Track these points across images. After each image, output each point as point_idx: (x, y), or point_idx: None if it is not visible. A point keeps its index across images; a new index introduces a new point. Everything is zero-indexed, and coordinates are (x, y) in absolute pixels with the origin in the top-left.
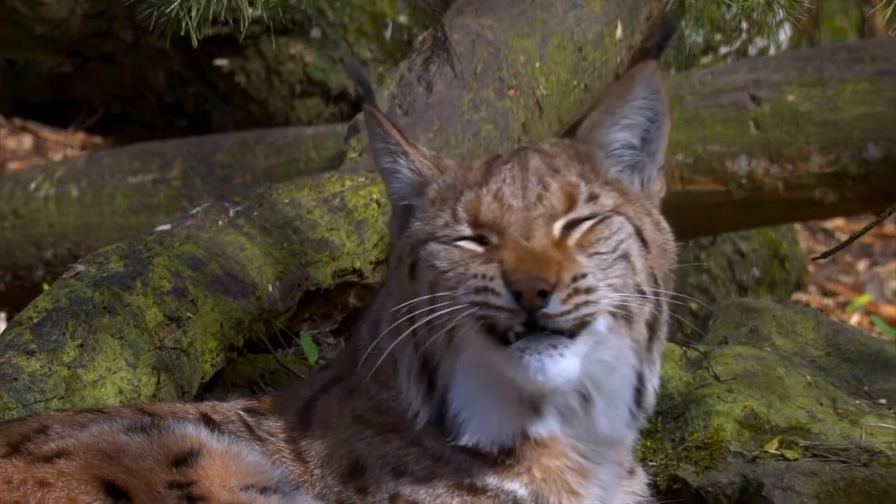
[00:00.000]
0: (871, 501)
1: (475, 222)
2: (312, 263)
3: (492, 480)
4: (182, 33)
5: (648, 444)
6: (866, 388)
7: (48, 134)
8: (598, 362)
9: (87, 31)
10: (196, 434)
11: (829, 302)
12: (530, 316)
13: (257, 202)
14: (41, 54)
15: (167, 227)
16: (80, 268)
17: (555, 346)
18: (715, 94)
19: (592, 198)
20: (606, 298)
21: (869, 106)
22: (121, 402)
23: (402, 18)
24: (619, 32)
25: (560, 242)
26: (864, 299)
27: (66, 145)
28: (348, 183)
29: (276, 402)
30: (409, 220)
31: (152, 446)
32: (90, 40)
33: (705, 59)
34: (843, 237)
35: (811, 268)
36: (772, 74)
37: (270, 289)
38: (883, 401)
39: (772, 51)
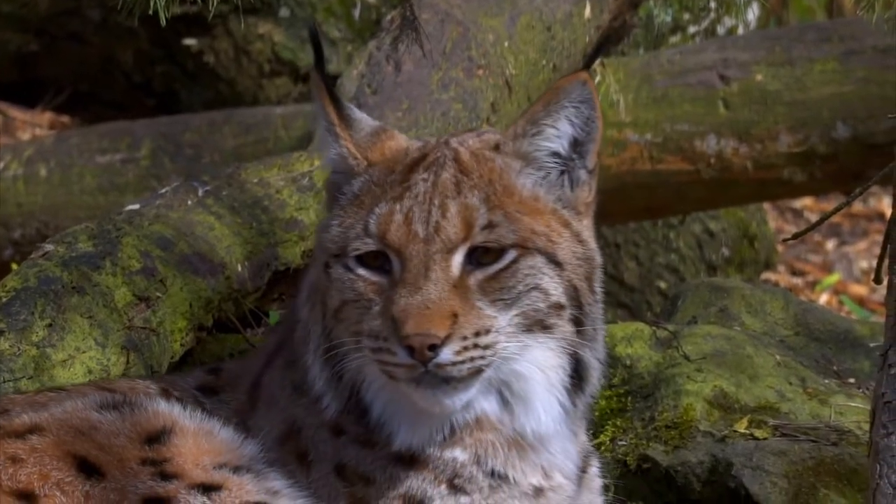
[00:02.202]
0: (840, 480)
1: (382, 239)
2: (282, 243)
3: (431, 451)
4: (150, 12)
5: (618, 423)
6: (835, 368)
7: (16, 113)
8: (511, 373)
9: (54, 9)
10: (169, 411)
11: (798, 281)
12: (424, 366)
13: (226, 182)
14: (9, 33)
15: (136, 206)
16: (49, 247)
17: (447, 382)
18: (683, 74)
19: (490, 226)
20: (509, 344)
21: (837, 86)
22: (90, 381)
23: None
24: (587, 12)
25: (460, 282)
26: (833, 279)
27: (34, 125)
28: (317, 162)
29: (229, 378)
30: (336, 197)
31: (124, 424)
32: (58, 19)
33: (674, 39)
34: (813, 217)
35: (780, 247)
36: (740, 54)
37: (240, 268)
38: (852, 380)
39: (740, 30)
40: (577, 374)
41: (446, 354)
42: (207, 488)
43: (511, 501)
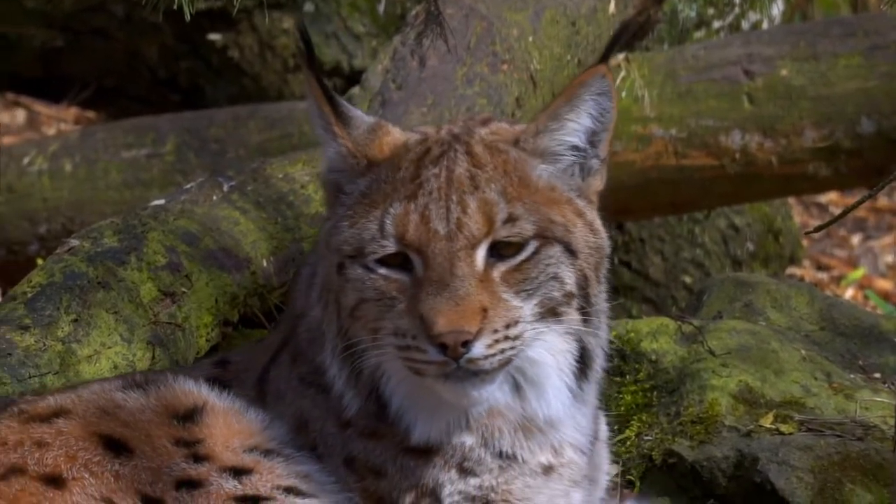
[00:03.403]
0: (865, 475)
1: (401, 240)
2: (307, 238)
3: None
4: (175, 7)
5: (644, 418)
6: (860, 363)
7: (41, 108)
8: (526, 359)
9: (79, 5)
10: (198, 390)
11: (823, 276)
12: (456, 362)
13: (251, 177)
14: (34, 28)
15: (161, 201)
16: (75, 243)
17: (476, 375)
18: (708, 69)
19: (511, 219)
20: (531, 332)
21: (862, 80)
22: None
23: None
24: (612, 7)
25: (485, 276)
26: (858, 273)
27: (60, 120)
28: None
29: (238, 371)
30: (339, 196)
31: (149, 400)
32: (82, 15)
33: (698, 34)
34: (837, 211)
35: (805, 242)
36: (765, 49)
37: (265, 263)
38: (877, 375)
39: (765, 25)
40: (583, 361)
41: (478, 349)
42: (238, 472)
43: (521, 479)
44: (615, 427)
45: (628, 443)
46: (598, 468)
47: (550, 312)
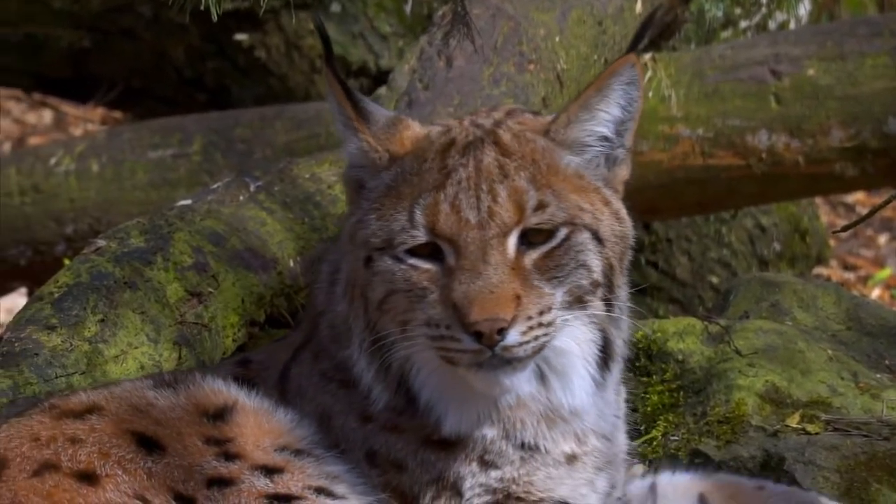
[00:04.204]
0: (892, 475)
1: (432, 230)
2: (333, 238)
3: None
4: (202, 8)
5: (670, 418)
6: (887, 362)
7: (68, 109)
8: (551, 348)
9: (106, 5)
10: (227, 388)
11: (850, 276)
12: (491, 350)
13: (278, 177)
14: (61, 29)
15: (188, 202)
16: (101, 243)
17: (509, 363)
18: (735, 69)
19: (541, 206)
20: (562, 318)
21: (889, 80)
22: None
23: None
24: (638, 6)
25: (517, 264)
26: (885, 273)
27: (87, 120)
28: None
29: (259, 370)
30: (361, 191)
31: (179, 399)
32: (109, 15)
33: (725, 34)
34: (864, 211)
35: (832, 242)
36: (792, 49)
37: (291, 264)
38: None
39: (792, 25)
40: (605, 350)
41: (513, 336)
42: (270, 470)
43: (544, 469)
44: (642, 427)
45: (654, 443)
46: (619, 448)
47: (577, 300)
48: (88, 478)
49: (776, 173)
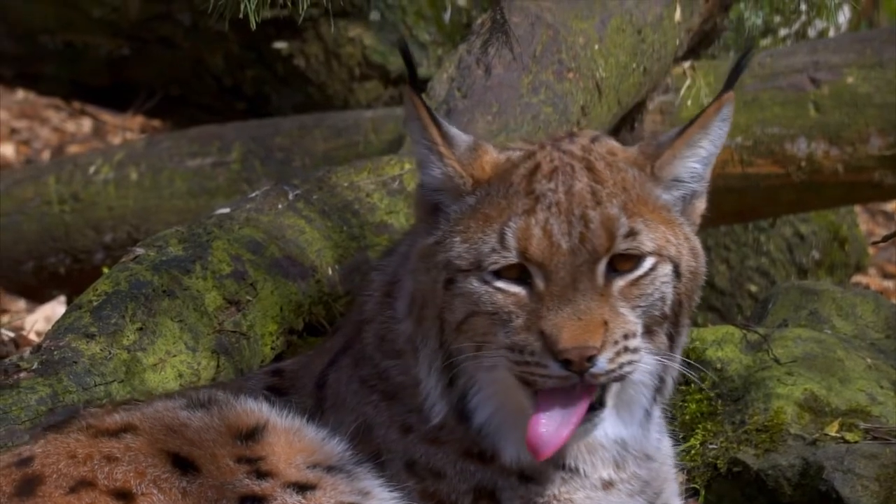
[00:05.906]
0: None
1: (524, 253)
2: (372, 247)
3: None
4: (241, 16)
5: (709, 426)
6: None
7: (107, 117)
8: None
9: (145, 14)
10: (259, 409)
11: (889, 284)
12: (580, 377)
13: (316, 185)
14: (100, 37)
15: (226, 210)
16: (140, 251)
17: (593, 409)
18: (774, 77)
19: (631, 234)
20: (645, 346)
21: None
22: (180, 385)
23: (462, 1)
24: (678, 14)
25: (605, 290)
26: None
27: (126, 128)
28: (407, 166)
29: (295, 378)
30: (439, 216)
31: (213, 420)
32: (148, 23)
33: (764, 42)
34: None
35: (871, 250)
36: (831, 56)
37: (330, 272)
38: None
39: (831, 33)
40: (659, 384)
41: (602, 363)
42: (302, 487)
43: (581, 492)
44: (680, 436)
45: (693, 451)
46: (664, 480)
47: (648, 332)
48: (125, 496)
49: (815, 181)
